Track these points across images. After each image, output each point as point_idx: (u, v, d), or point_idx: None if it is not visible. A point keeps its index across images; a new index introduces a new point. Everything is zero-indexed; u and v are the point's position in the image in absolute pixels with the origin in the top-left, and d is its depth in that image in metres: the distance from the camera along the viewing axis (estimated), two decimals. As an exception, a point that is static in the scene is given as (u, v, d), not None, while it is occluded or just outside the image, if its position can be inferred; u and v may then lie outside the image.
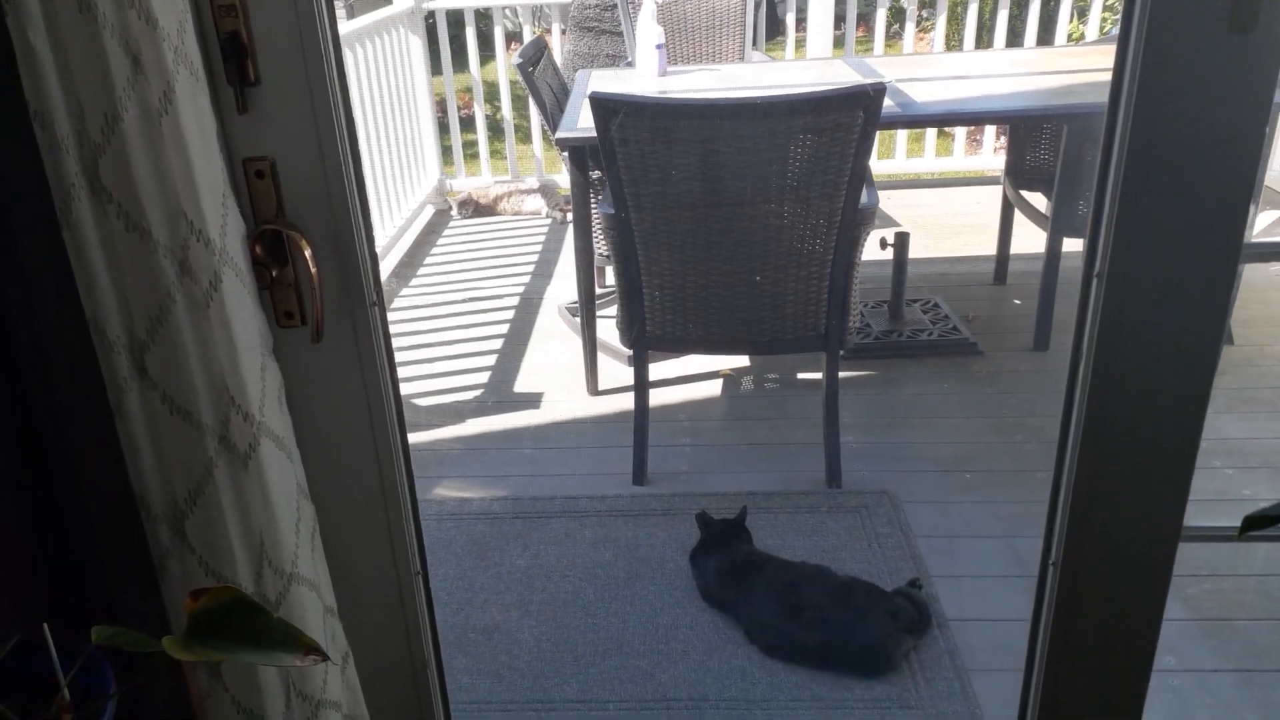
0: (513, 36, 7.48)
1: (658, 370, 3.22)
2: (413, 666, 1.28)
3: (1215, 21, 0.94)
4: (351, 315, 1.08)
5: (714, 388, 3.17)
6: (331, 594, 1.14)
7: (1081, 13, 6.11)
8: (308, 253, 1.01)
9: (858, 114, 2.14)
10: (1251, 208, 1.03)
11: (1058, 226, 3.08)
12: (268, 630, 0.73)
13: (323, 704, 1.06)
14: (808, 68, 3.75)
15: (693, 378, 3.20)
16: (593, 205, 2.92)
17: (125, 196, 0.81)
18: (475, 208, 4.93)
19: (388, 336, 1.12)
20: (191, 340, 0.86)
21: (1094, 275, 1.06)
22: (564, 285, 3.97)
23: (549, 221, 4.80)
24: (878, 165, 5.14)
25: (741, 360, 3.28)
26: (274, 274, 1.03)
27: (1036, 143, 3.49)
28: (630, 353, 2.62)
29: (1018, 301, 3.67)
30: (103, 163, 0.80)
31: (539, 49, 3.40)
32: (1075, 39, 6.03)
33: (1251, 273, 3.56)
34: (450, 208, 4.96)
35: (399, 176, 4.52)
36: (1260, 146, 0.98)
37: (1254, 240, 1.06)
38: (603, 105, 2.20)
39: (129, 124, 0.79)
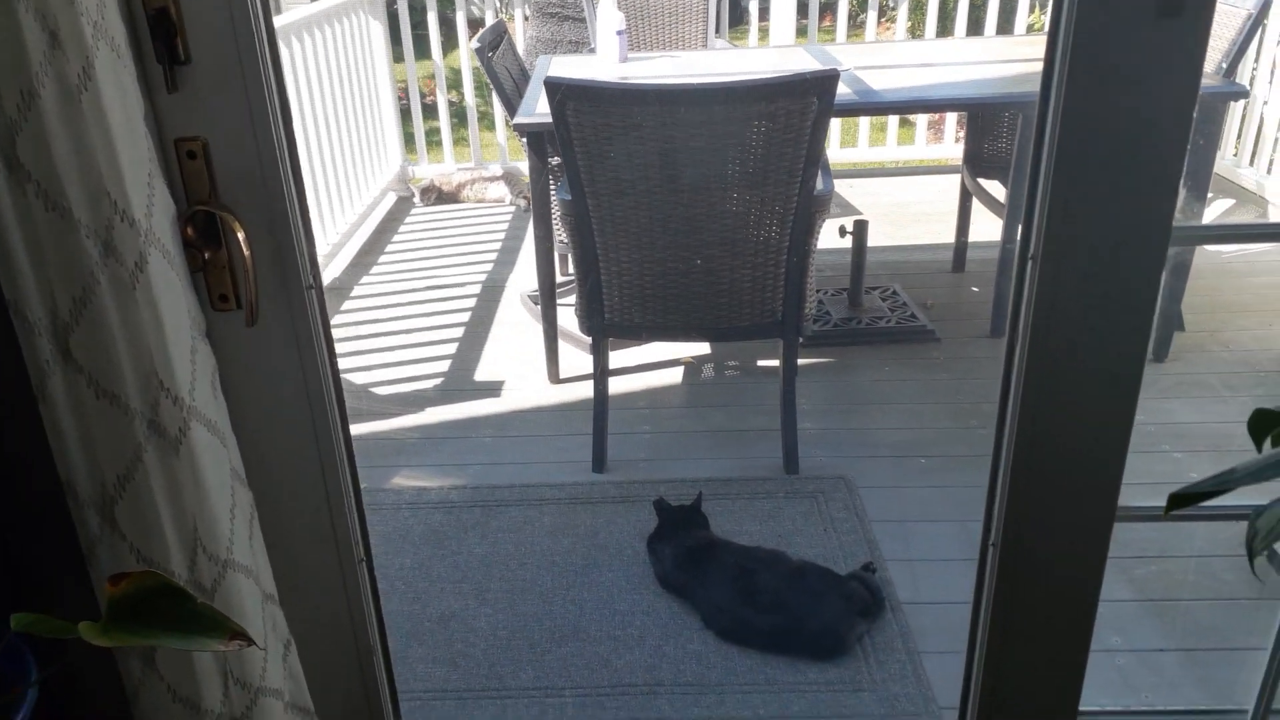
0: (476, 22, 7.42)
1: (619, 358, 3.22)
2: (359, 654, 1.27)
3: (1143, 6, 0.95)
4: (288, 298, 1.07)
5: (675, 375, 3.17)
6: (271, 581, 1.13)
7: (1042, 3, 6.18)
8: (241, 235, 1.00)
9: (811, 100, 2.14)
10: (1181, 200, 1.04)
11: (1014, 215, 3.11)
12: (193, 615, 0.72)
13: (262, 691, 1.05)
14: (768, 55, 3.75)
15: (653, 365, 3.21)
16: (552, 192, 2.90)
17: (44, 174, 0.79)
18: (438, 195, 4.89)
19: (326, 320, 1.11)
20: (117, 323, 0.85)
21: (1029, 258, 1.07)
22: (527, 273, 3.96)
23: (512, 209, 4.77)
24: (840, 153, 5.17)
25: (702, 347, 3.29)
26: (206, 256, 1.01)
27: (995, 131, 3.53)
28: (590, 340, 2.61)
29: (975, 289, 3.71)
30: (20, 140, 0.78)
31: (498, 34, 3.37)
32: (1036, 28, 6.09)
33: (1202, 259, 3.62)
34: (413, 195, 4.92)
35: (360, 163, 4.48)
36: (1188, 130, 1.00)
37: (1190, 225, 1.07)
38: (557, 90, 2.19)
39: (46, 100, 0.78)
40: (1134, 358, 1.10)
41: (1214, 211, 4.32)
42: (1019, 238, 1.08)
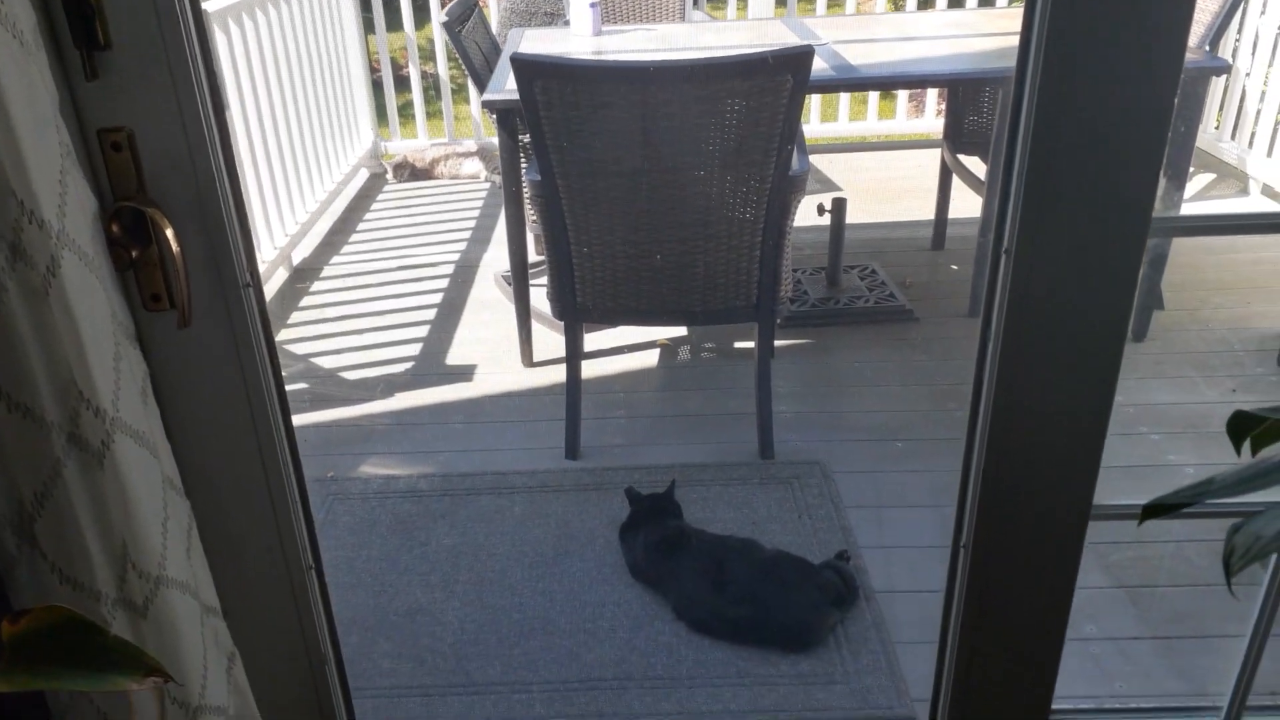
0: (451, -6, 7.28)
1: (594, 341, 3.17)
2: (310, 664, 1.23)
3: (1124, -11, 0.90)
4: (224, 297, 1.01)
5: (650, 358, 3.13)
6: (213, 593, 1.08)
7: (1024, -25, 6.11)
8: (169, 231, 0.94)
9: (785, 78, 2.08)
10: (1173, 185, 1.00)
11: (994, 191, 3.07)
12: (103, 651, 0.67)
13: (202, 710, 1.01)
14: (745, 28, 3.68)
15: (629, 348, 3.16)
16: (523, 170, 2.83)
17: (-62, 175, 0.73)
18: (411, 171, 4.80)
19: (265, 319, 1.05)
20: (29, 331, 0.79)
21: (1003, 251, 1.03)
22: (502, 252, 3.87)
23: (487, 185, 4.69)
24: (820, 128, 5.11)
25: (679, 329, 3.24)
26: (135, 254, 0.95)
27: (975, 106, 3.47)
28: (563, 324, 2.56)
29: (955, 267, 3.67)
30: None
31: (467, 7, 3.28)
32: (1017, 0, 6.02)
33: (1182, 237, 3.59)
34: (385, 171, 4.83)
35: (331, 139, 4.38)
36: (1168, 119, 0.95)
37: (1185, 203, 1.03)
38: (525, 67, 2.12)
39: (-64, 95, 0.71)
40: (1110, 355, 1.06)
41: (1195, 186, 4.30)
42: (993, 231, 1.03)
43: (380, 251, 4.01)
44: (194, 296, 1.00)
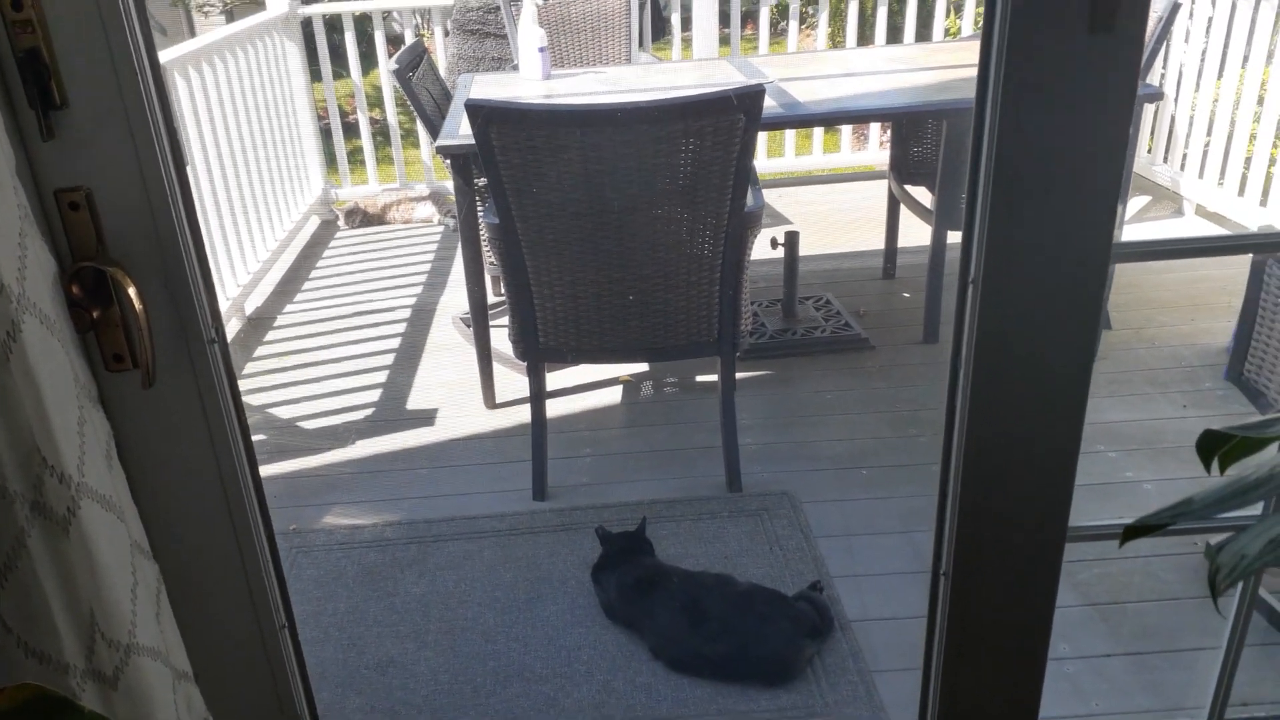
0: (396, 39, 7.30)
1: (556, 379, 3.15)
2: (285, 725, 1.19)
3: (1075, 22, 0.93)
4: (189, 355, 0.99)
5: (614, 395, 3.12)
6: (185, 658, 1.05)
7: (958, 8, 6.29)
8: (131, 290, 0.92)
9: (738, 117, 2.11)
10: (1119, 205, 1.03)
11: (941, 220, 3.13)
12: (79, 729, 0.64)
13: (176, 782, 0.97)
14: (692, 69, 3.73)
15: (592, 385, 3.15)
16: (479, 213, 2.83)
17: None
18: (363, 217, 4.77)
19: (231, 375, 1.03)
20: (-11, 399, 0.77)
21: (969, 282, 1.05)
22: (458, 295, 3.87)
23: (441, 229, 4.68)
24: (767, 163, 5.18)
25: (641, 365, 3.24)
26: (95, 315, 0.93)
27: (919, 137, 3.55)
28: (525, 364, 2.55)
29: (907, 295, 3.73)
30: None
31: (416, 54, 3.29)
32: (953, 34, 6.20)
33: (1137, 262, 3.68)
34: (337, 218, 4.80)
35: (280, 187, 4.34)
36: (1124, 147, 0.98)
37: (1123, 227, 1.05)
38: (479, 112, 2.13)
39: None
40: (1079, 377, 1.08)
41: (1132, 208, 4.43)
42: (960, 262, 1.05)
43: (335, 298, 3.97)
44: (158, 355, 0.98)
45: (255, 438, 2.95)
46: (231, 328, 3.64)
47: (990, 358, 1.07)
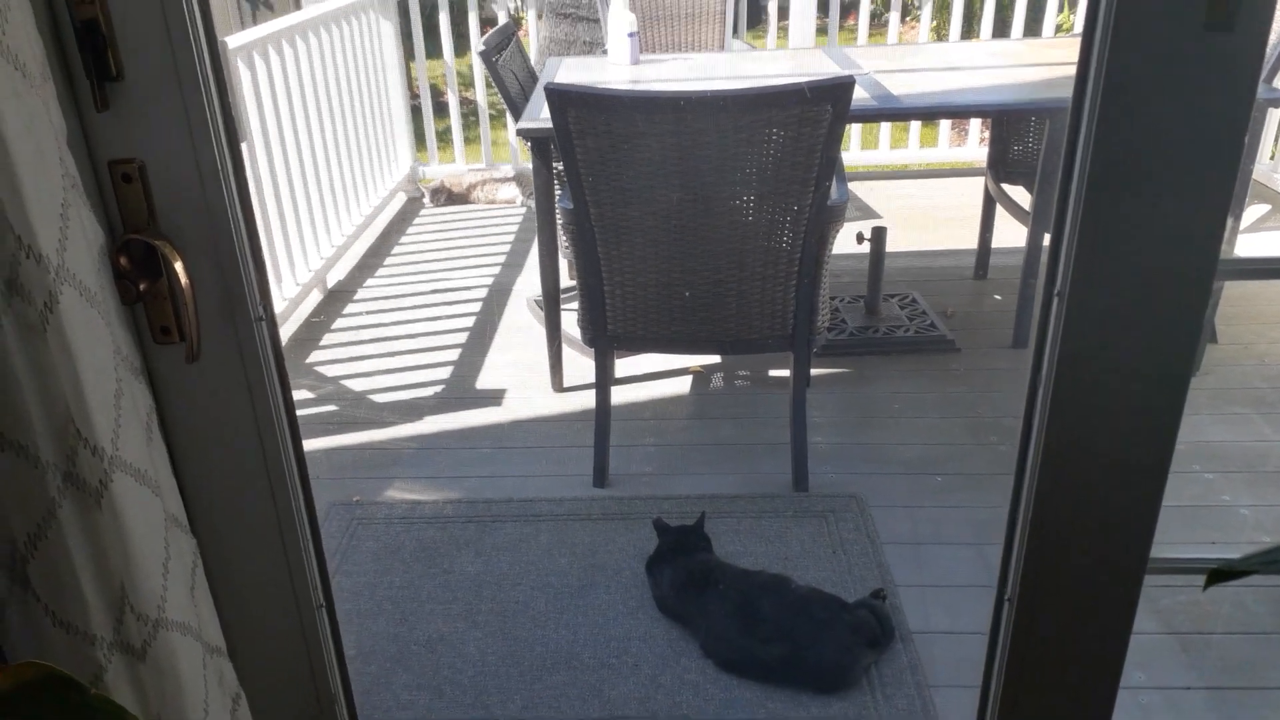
0: (489, 21, 7.34)
1: (624, 366, 3.13)
2: (319, 704, 1.19)
3: (1190, 18, 0.84)
4: (235, 331, 0.98)
5: (682, 385, 3.08)
6: (218, 633, 1.05)
7: (1071, 2, 6.01)
8: (179, 265, 0.91)
9: (825, 108, 2.04)
10: (1228, 218, 0.94)
11: (1039, 222, 2.99)
12: (84, 711, 0.63)
13: (204, 756, 0.97)
14: (785, 58, 3.64)
15: (660, 374, 3.11)
16: (556, 197, 2.81)
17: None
18: (448, 196, 4.81)
19: (279, 353, 1.02)
20: (24, 368, 0.76)
21: (1054, 294, 0.97)
22: (535, 277, 3.84)
23: (523, 210, 4.69)
24: (861, 155, 5.05)
25: (711, 357, 3.19)
26: (143, 287, 0.93)
27: (1021, 135, 3.40)
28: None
29: (998, 297, 3.59)
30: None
31: (505, 36, 3.28)
32: (1065, 29, 5.93)
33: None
34: (423, 195, 4.85)
35: (370, 162, 4.41)
36: (1239, 155, 0.89)
37: (1240, 236, 0.97)
38: (558, 97, 2.10)
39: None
40: (1171, 404, 0.99)
41: (1249, 218, 4.17)
42: (1044, 272, 0.98)
43: (414, 275, 4.01)
44: (204, 330, 0.97)
45: (325, 409, 3.00)
46: (311, 300, 3.71)
47: (1073, 376, 0.99)
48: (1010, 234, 3.55)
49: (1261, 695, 1.89)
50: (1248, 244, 3.92)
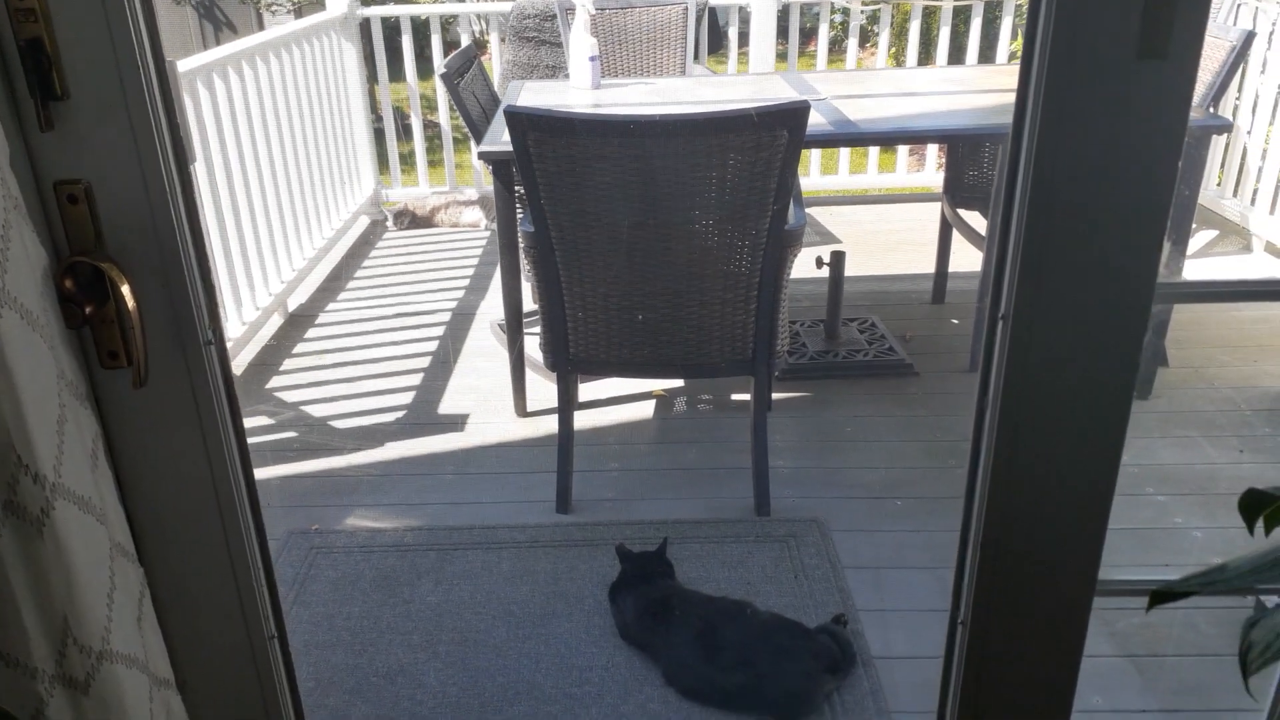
0: (453, 44, 7.35)
1: (588, 391, 3.12)
2: (271, 736, 1.17)
3: (1123, 47, 0.87)
4: (185, 355, 0.97)
5: (645, 409, 3.08)
6: (167, 665, 1.02)
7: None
8: (125, 288, 0.90)
9: (781, 133, 2.06)
10: (1167, 241, 0.96)
11: (994, 246, 3.03)
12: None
13: (148, 792, 0.94)
14: (744, 83, 3.68)
15: (624, 399, 3.11)
16: (518, 220, 2.81)
17: None
18: (412, 219, 4.79)
19: (228, 377, 1.01)
20: (-38, 393, 0.75)
21: (999, 317, 0.99)
22: (499, 300, 3.85)
23: (487, 234, 4.68)
24: (820, 180, 5.11)
25: (674, 381, 3.19)
26: (88, 311, 0.91)
27: (976, 161, 3.46)
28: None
29: (955, 321, 3.63)
30: None
31: (467, 59, 3.29)
32: (1019, 56, 6.06)
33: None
34: (385, 218, 4.83)
35: (332, 185, 4.38)
36: (1173, 179, 0.91)
37: (1189, 261, 0.99)
38: (517, 119, 2.11)
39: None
40: (1115, 424, 1.01)
41: (1197, 243, 4.27)
42: (989, 296, 0.99)
43: (377, 298, 3.98)
44: (152, 354, 0.96)
45: (285, 435, 2.96)
46: (272, 324, 3.67)
47: (1020, 396, 1.00)
48: (967, 258, 3.60)
49: (1213, 717, 1.91)
50: (1196, 268, 4.02)
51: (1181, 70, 0.86)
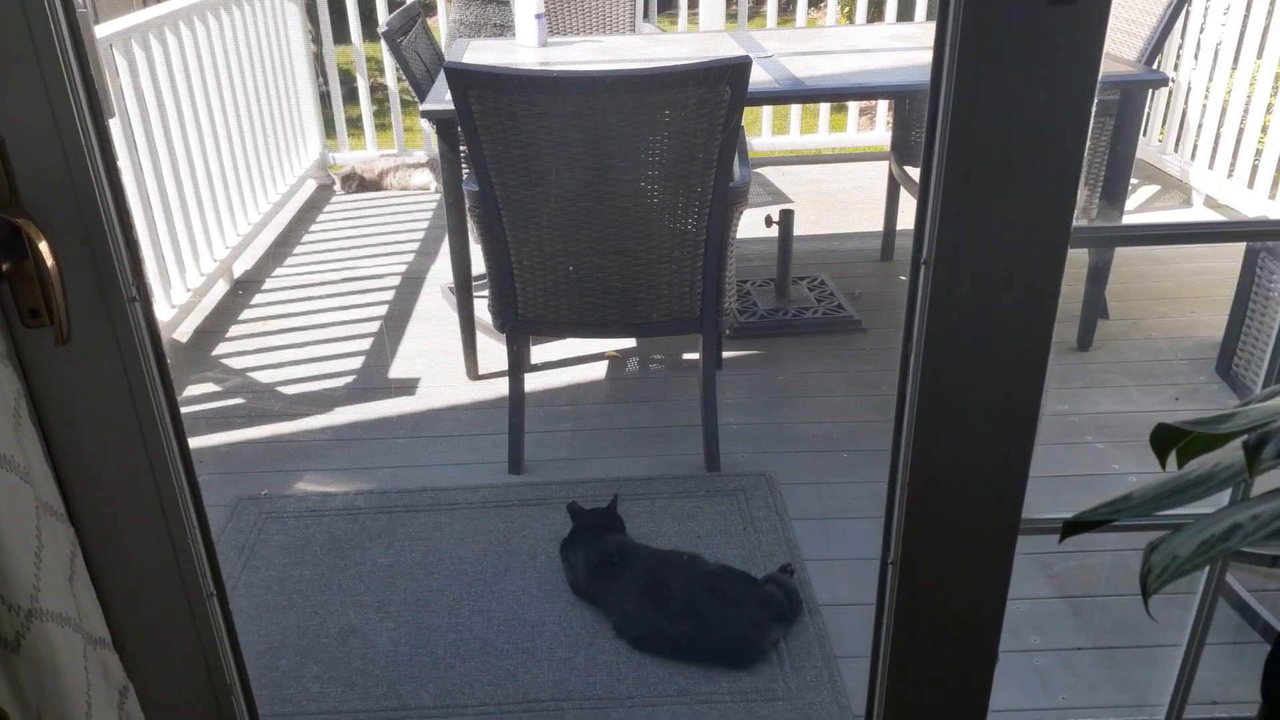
0: (398, 5, 7.22)
1: (540, 352, 3.12)
2: (215, 694, 1.17)
3: (1036, -7, 0.88)
4: (109, 313, 0.96)
5: (598, 370, 3.09)
6: (102, 624, 1.02)
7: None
8: (43, 244, 0.89)
9: (723, 89, 2.06)
10: (1087, 190, 0.98)
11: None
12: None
13: (86, 749, 0.95)
14: (694, 41, 3.67)
15: (577, 360, 3.12)
16: (463, 180, 2.79)
17: None
18: (360, 183, 4.73)
19: (155, 333, 1.00)
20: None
21: (921, 263, 1.01)
22: (449, 264, 3.82)
23: (437, 197, 4.63)
24: (772, 140, 5.11)
25: (627, 341, 3.21)
26: (5, 268, 0.90)
27: (922, 119, 3.48)
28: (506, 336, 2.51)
29: (903, 278, 3.65)
30: None
31: (410, 17, 3.23)
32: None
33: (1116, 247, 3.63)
34: (333, 183, 4.76)
35: (277, 150, 4.30)
36: (1086, 124, 0.93)
37: (1129, 216, 1.01)
38: (458, 77, 2.08)
39: None
40: (1035, 366, 1.04)
41: (1138, 198, 4.35)
42: (913, 242, 1.01)
43: (325, 263, 3.94)
44: (75, 312, 0.95)
45: (232, 401, 2.93)
46: (218, 290, 3.62)
47: (942, 341, 1.03)
48: (914, 216, 3.63)
49: (1146, 653, 1.99)
50: (1126, 222, 4.09)
51: (1090, 14, 0.87)
